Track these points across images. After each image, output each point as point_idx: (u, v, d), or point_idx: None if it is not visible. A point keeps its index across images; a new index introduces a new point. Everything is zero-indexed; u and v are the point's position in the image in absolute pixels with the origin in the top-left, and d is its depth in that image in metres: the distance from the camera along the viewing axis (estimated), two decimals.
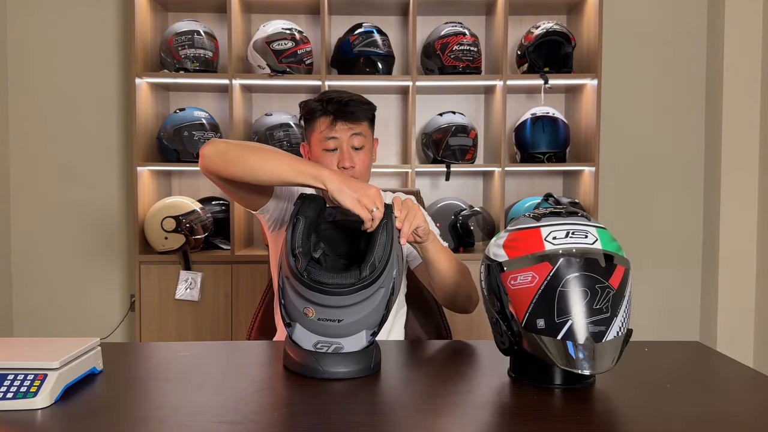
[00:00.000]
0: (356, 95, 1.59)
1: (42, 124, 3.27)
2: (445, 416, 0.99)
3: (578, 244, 1.05)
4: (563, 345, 1.02)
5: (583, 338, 1.01)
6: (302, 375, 1.16)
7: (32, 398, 0.97)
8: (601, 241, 1.06)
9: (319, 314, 1.13)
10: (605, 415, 1.01)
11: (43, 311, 3.30)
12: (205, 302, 2.91)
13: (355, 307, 1.12)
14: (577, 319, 1.01)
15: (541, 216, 1.10)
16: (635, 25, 3.32)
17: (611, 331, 1.02)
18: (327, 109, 1.56)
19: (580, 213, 1.12)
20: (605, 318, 1.02)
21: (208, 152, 1.39)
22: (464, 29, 3.01)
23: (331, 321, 1.13)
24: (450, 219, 2.96)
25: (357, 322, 1.14)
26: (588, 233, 1.06)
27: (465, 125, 3.06)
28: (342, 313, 1.12)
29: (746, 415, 1.01)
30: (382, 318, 1.17)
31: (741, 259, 3.20)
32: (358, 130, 1.57)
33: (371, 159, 1.63)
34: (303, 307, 1.13)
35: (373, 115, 1.63)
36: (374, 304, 1.14)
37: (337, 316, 1.12)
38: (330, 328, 1.14)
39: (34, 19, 3.25)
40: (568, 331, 1.01)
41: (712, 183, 3.29)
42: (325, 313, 1.12)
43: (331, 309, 1.12)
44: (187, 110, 3.01)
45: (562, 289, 1.02)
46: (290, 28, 2.94)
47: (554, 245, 1.05)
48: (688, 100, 3.35)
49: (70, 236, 3.29)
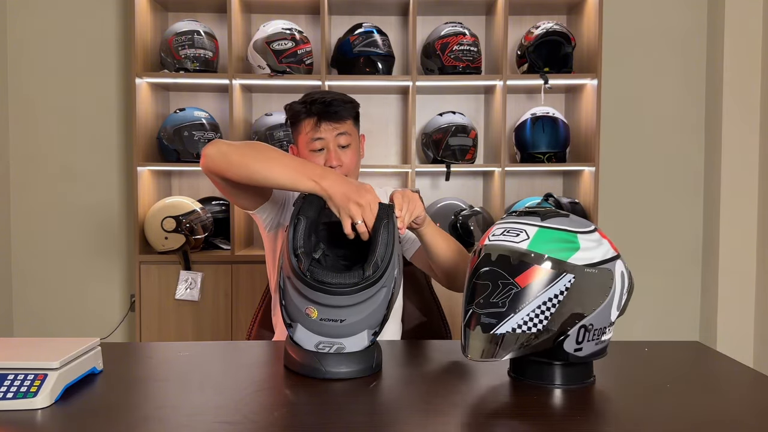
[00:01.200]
0: (339, 94, 1.62)
1: (42, 124, 3.27)
2: (445, 416, 0.99)
3: (503, 241, 1.10)
4: (463, 331, 1.10)
5: (470, 326, 1.08)
6: (303, 375, 1.16)
7: (32, 398, 0.97)
8: (532, 241, 1.08)
9: (322, 314, 1.13)
10: (605, 415, 1.01)
11: (43, 311, 3.30)
12: (205, 302, 2.91)
13: (358, 307, 1.12)
14: (474, 308, 1.08)
15: (523, 213, 1.15)
16: (635, 25, 3.32)
17: (504, 325, 1.05)
18: (311, 111, 1.59)
19: (562, 213, 1.14)
20: (499, 312, 1.06)
21: (211, 153, 1.38)
22: (464, 29, 3.01)
23: (334, 321, 1.13)
24: (450, 219, 2.96)
25: (359, 322, 1.14)
26: (522, 232, 1.09)
27: (465, 125, 3.06)
28: (344, 313, 1.12)
29: (746, 415, 1.01)
30: (383, 317, 1.17)
31: (741, 259, 3.20)
32: (343, 129, 1.60)
33: (359, 156, 1.67)
34: (305, 308, 1.13)
35: (357, 112, 1.66)
36: (376, 303, 1.14)
37: (340, 316, 1.13)
38: (332, 329, 1.14)
39: (34, 19, 3.25)
40: (467, 319, 1.09)
41: (712, 183, 3.29)
42: (327, 313, 1.12)
43: (333, 309, 1.12)
44: (187, 110, 3.01)
45: (475, 280, 1.10)
46: (290, 28, 2.94)
47: (490, 241, 1.12)
48: (688, 100, 3.35)
49: (70, 236, 3.29)
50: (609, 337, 1.12)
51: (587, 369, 1.13)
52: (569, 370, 1.10)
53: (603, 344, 1.11)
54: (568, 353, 1.08)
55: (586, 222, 1.14)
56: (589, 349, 1.09)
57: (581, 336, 1.07)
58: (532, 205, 3.00)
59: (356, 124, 1.66)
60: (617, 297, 1.09)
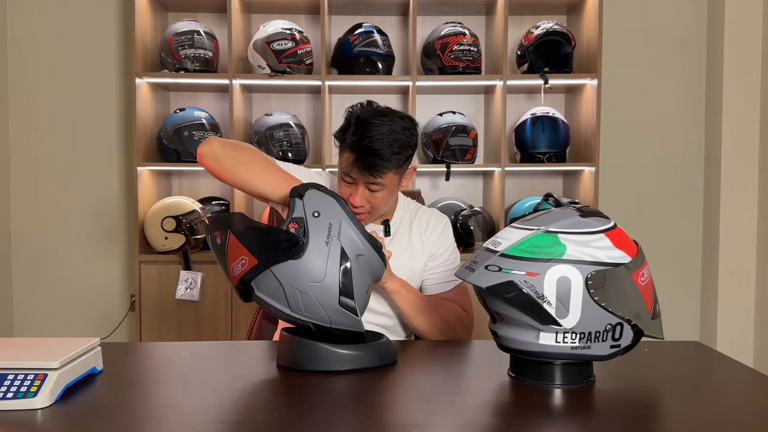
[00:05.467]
0: (394, 136, 1.43)
1: (42, 124, 3.27)
2: (445, 416, 0.99)
3: None
4: (660, 321, 1.15)
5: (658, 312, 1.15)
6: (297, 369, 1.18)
7: (32, 398, 0.97)
8: None
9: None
10: (605, 415, 1.01)
11: (43, 311, 3.30)
12: (205, 302, 2.91)
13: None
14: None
15: (587, 214, 1.12)
16: (635, 25, 3.32)
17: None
18: (352, 148, 1.44)
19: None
20: None
21: (204, 152, 1.41)
22: (464, 29, 3.01)
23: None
24: (450, 219, 2.95)
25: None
26: None
27: (465, 125, 3.05)
28: None
29: (746, 415, 1.01)
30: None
31: (741, 259, 3.20)
32: (377, 180, 1.45)
33: (394, 194, 1.54)
34: None
35: (406, 157, 1.49)
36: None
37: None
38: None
39: (34, 19, 3.25)
40: (657, 311, 1.15)
41: (712, 183, 3.29)
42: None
43: None
44: (187, 110, 3.01)
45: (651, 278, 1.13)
46: (290, 28, 2.94)
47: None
48: (688, 100, 3.35)
49: (70, 236, 3.29)
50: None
51: (587, 369, 1.13)
52: (569, 370, 1.10)
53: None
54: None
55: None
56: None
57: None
58: (532, 205, 3.00)
59: (400, 171, 1.50)
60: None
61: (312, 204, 1.19)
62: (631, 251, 1.09)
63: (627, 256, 1.08)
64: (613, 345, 1.08)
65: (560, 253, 1.06)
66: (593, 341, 1.07)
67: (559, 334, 1.07)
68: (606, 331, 1.07)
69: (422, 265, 1.60)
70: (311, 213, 1.19)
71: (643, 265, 1.10)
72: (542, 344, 1.07)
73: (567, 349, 1.07)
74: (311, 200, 1.20)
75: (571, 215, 1.11)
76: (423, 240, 1.62)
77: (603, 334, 1.07)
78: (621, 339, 1.08)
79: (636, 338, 1.10)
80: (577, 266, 1.05)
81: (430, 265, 1.61)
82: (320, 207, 1.19)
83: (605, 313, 1.06)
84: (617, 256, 1.07)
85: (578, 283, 1.05)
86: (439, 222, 1.65)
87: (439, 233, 1.63)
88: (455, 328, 1.54)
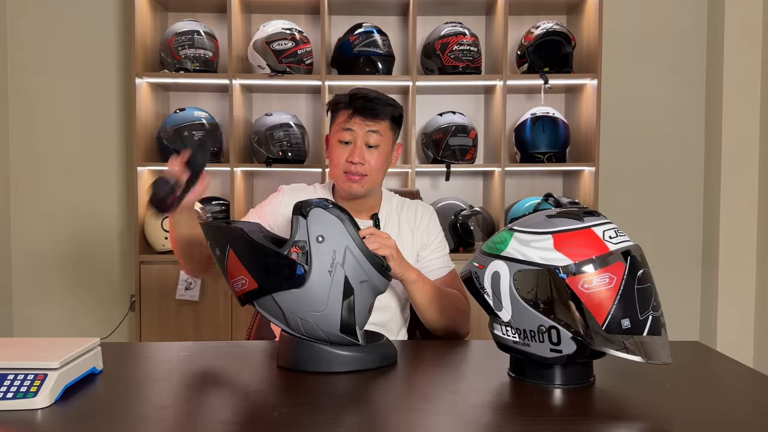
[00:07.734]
0: (384, 95, 1.58)
1: (42, 124, 3.27)
2: (445, 416, 0.99)
3: (628, 241, 1.06)
4: (649, 340, 1.02)
5: (662, 331, 1.04)
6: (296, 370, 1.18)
7: (32, 398, 0.97)
8: None
9: None
10: (605, 415, 1.01)
11: (43, 311, 3.29)
12: (205, 302, 2.91)
13: None
14: (652, 314, 1.03)
15: (552, 215, 1.10)
16: (635, 25, 3.32)
17: (664, 323, 1.06)
18: (350, 102, 1.56)
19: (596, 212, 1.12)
20: (659, 309, 1.06)
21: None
22: (464, 29, 3.01)
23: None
24: (450, 219, 2.96)
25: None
26: (619, 231, 1.09)
27: (465, 125, 3.05)
28: None
29: (746, 415, 1.01)
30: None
31: (741, 259, 3.20)
32: (376, 127, 1.55)
33: (387, 162, 1.61)
34: None
35: (398, 116, 1.60)
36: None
37: None
38: None
39: (35, 20, 3.25)
40: (652, 326, 1.02)
41: (712, 183, 3.29)
42: None
43: None
44: (187, 110, 3.01)
45: (638, 286, 1.03)
46: (290, 28, 2.94)
47: (615, 244, 1.04)
48: (688, 100, 3.35)
49: (70, 236, 3.29)
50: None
51: (587, 369, 1.13)
52: (569, 370, 1.10)
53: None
54: None
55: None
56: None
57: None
58: (532, 205, 3.00)
59: (394, 129, 1.60)
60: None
61: (316, 226, 1.15)
62: (579, 256, 1.02)
63: (567, 259, 1.03)
64: (554, 349, 1.06)
65: (502, 249, 1.09)
66: (530, 339, 1.08)
67: (503, 326, 1.11)
68: (540, 332, 1.06)
69: (413, 257, 1.64)
70: (315, 238, 1.14)
71: (597, 272, 1.02)
72: (496, 334, 1.14)
73: (510, 342, 1.11)
74: (315, 221, 1.15)
75: (541, 216, 1.11)
76: (413, 232, 1.66)
77: (538, 335, 1.07)
78: (561, 345, 1.05)
79: (582, 349, 1.04)
80: (508, 263, 1.08)
81: (423, 255, 1.65)
82: (324, 230, 1.15)
83: (535, 314, 1.06)
84: (553, 258, 1.04)
85: (506, 279, 1.08)
86: (426, 212, 1.70)
87: (427, 223, 1.68)
88: (463, 313, 1.56)
